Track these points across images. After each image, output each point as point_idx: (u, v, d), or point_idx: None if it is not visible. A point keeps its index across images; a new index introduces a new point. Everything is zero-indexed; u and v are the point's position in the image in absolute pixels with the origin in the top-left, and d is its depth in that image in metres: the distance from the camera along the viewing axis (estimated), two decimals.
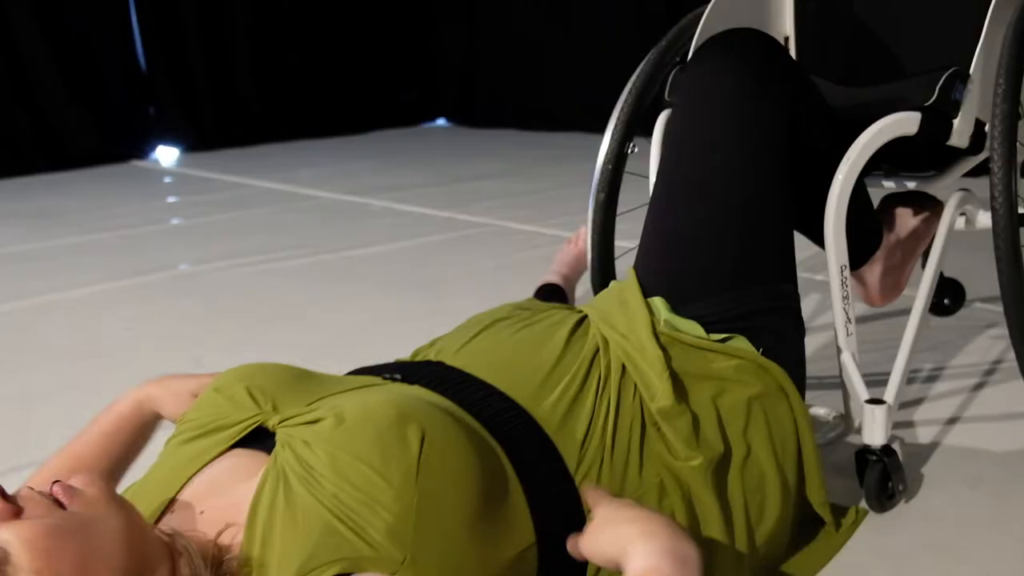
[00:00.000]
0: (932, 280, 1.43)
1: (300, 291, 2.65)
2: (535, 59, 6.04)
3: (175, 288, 2.76)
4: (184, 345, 2.23)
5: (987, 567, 1.19)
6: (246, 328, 2.35)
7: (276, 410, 1.01)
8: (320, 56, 6.21)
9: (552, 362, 1.12)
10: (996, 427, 1.57)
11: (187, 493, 0.99)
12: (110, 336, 2.34)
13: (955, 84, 1.34)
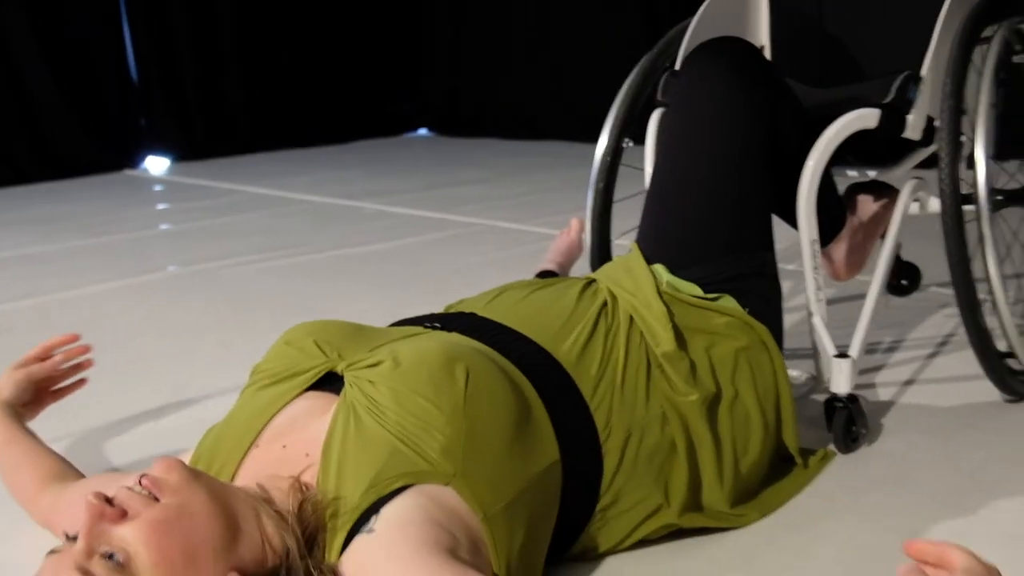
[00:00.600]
0: (890, 255, 1.65)
1: (299, 288, 2.81)
2: (517, 71, 6.26)
3: (175, 286, 2.92)
4: (187, 337, 2.40)
5: (936, 495, 1.39)
6: (248, 323, 2.51)
7: (341, 357, 1.20)
8: (307, 68, 6.40)
9: (567, 313, 1.32)
10: (948, 387, 1.79)
11: (269, 431, 1.17)
12: (115, 331, 2.49)
13: (909, 85, 1.55)
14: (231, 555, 0.99)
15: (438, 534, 1.00)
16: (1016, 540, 1.27)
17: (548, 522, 1.16)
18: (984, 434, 1.58)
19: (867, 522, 1.33)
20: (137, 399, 1.95)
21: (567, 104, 5.94)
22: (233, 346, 2.27)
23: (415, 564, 0.96)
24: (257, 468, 1.15)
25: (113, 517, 0.96)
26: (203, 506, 1.00)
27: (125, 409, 1.90)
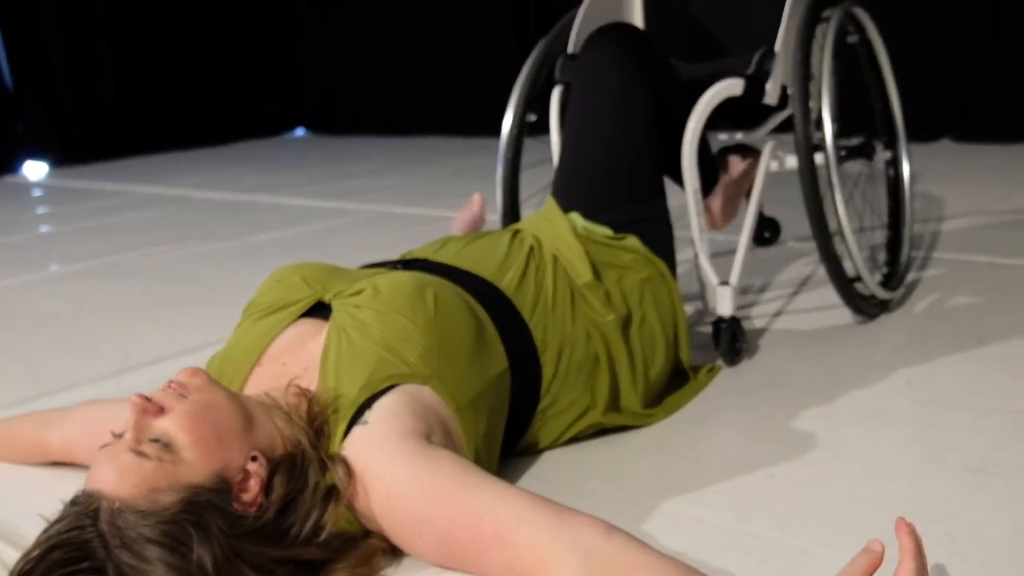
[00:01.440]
0: (756, 203, 1.96)
1: (220, 271, 3.01)
2: (389, 70, 6.49)
3: (101, 273, 3.08)
4: (121, 315, 2.59)
5: (805, 390, 1.70)
6: (181, 300, 2.70)
7: (326, 290, 1.44)
8: (182, 71, 6.53)
9: (503, 256, 1.59)
10: (810, 315, 2.12)
11: (269, 353, 1.41)
12: (47, 314, 2.66)
13: (766, 58, 1.87)
14: (251, 439, 1.22)
15: (417, 424, 1.25)
16: (868, 419, 1.58)
17: (502, 418, 1.42)
18: (842, 345, 1.91)
19: (751, 413, 1.64)
20: (79, 370, 2.12)
21: (439, 101, 6.21)
22: (167, 320, 2.46)
23: (400, 448, 1.21)
24: (261, 383, 1.37)
25: (154, 411, 1.18)
26: (224, 401, 1.22)
27: (74, 378, 2.07)
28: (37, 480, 1.57)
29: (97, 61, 6.17)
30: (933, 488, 1.34)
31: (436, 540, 1.18)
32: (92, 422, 1.52)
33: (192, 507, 1.14)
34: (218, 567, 1.11)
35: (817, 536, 1.23)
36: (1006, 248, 2.54)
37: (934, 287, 2.24)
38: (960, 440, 1.48)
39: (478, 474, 1.20)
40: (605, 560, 1.05)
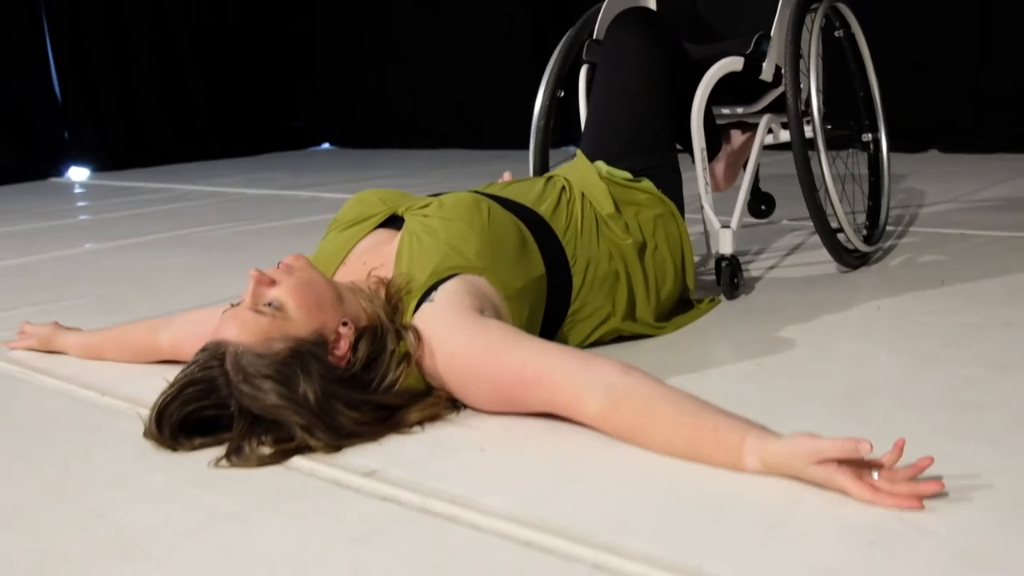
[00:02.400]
0: (753, 167, 2.28)
1: (267, 244, 3.33)
2: (412, 86, 6.86)
3: (168, 243, 3.41)
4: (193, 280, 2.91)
5: (791, 312, 2.01)
6: (232, 265, 3.01)
7: (399, 206, 1.76)
8: (216, 87, 6.92)
9: (539, 192, 1.90)
10: (798, 268, 2.44)
11: (352, 255, 1.73)
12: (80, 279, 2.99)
13: (764, 41, 2.20)
14: (342, 310, 1.54)
15: (473, 302, 1.56)
16: (841, 329, 1.90)
17: (539, 313, 1.74)
18: (826, 286, 2.23)
19: (745, 327, 1.95)
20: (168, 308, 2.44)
21: (458, 114, 6.57)
22: (235, 273, 2.77)
23: (460, 318, 1.52)
24: (346, 278, 1.69)
25: (267, 283, 1.50)
26: (320, 278, 1.55)
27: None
28: (153, 369, 1.89)
29: (139, 76, 6.57)
30: (890, 374, 1.66)
31: (490, 387, 1.49)
32: (198, 324, 1.83)
33: (298, 354, 1.46)
34: (318, 400, 1.43)
35: (794, 400, 1.55)
36: (975, 224, 2.87)
37: (909, 250, 2.57)
38: (916, 342, 1.79)
39: (520, 334, 1.51)
40: (624, 391, 1.36)
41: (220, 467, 1.40)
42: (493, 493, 1.26)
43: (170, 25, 6.70)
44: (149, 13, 6.61)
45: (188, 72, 6.79)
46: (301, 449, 1.42)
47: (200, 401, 1.48)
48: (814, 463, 1.17)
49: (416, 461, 1.38)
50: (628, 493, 1.24)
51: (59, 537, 1.23)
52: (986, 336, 1.80)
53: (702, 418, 1.30)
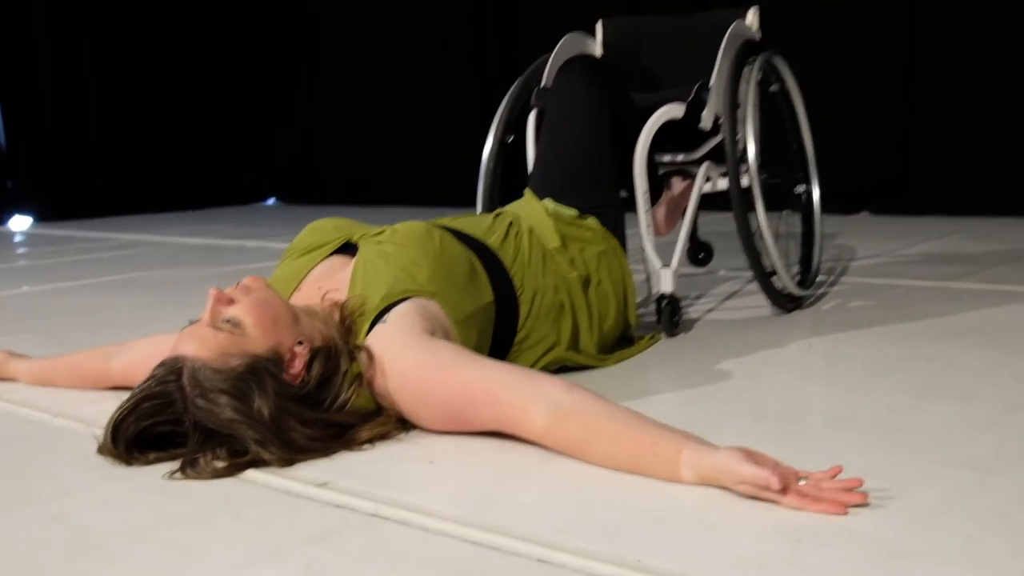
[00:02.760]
0: (693, 212, 2.38)
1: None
2: (357, 142, 6.95)
3: (113, 285, 3.42)
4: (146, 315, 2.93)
5: (726, 353, 2.09)
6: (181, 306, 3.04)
7: (353, 233, 1.82)
8: (162, 139, 6.94)
9: (488, 225, 1.98)
10: (734, 312, 2.53)
11: (307, 280, 1.78)
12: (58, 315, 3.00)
13: (704, 90, 2.31)
14: (298, 330, 1.58)
15: (424, 324, 1.62)
16: (775, 363, 1.98)
17: (487, 339, 1.80)
18: (761, 327, 2.32)
19: (683, 362, 2.03)
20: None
21: (405, 173, 6.66)
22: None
23: (411, 339, 1.57)
24: (301, 302, 1.74)
25: (225, 301, 1.55)
26: (277, 298, 1.60)
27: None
28: (105, 394, 1.91)
29: (85, 127, 6.59)
30: (822, 400, 1.74)
31: (439, 405, 1.54)
32: (151, 349, 1.85)
33: (254, 370, 1.50)
34: (272, 415, 1.48)
35: (732, 422, 1.63)
36: (902, 275, 3.00)
37: (840, 296, 2.67)
38: (846, 375, 1.88)
39: (469, 355, 1.57)
40: (568, 407, 1.42)
41: (175, 479, 1.43)
42: (442, 500, 1.31)
43: (118, 77, 6.73)
44: (97, 64, 6.63)
45: (135, 124, 6.82)
46: (255, 463, 1.46)
47: (156, 416, 1.51)
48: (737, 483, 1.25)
49: (367, 473, 1.43)
50: (571, 499, 1.30)
51: (14, 539, 1.26)
52: (911, 369, 1.89)
53: (642, 432, 1.37)
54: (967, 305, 2.48)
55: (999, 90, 4.63)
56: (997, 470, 1.33)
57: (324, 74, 7.22)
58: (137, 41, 6.85)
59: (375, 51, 6.88)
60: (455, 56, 6.48)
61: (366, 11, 6.92)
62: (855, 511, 1.20)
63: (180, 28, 7.09)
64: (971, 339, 2.11)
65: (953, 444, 1.45)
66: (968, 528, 1.15)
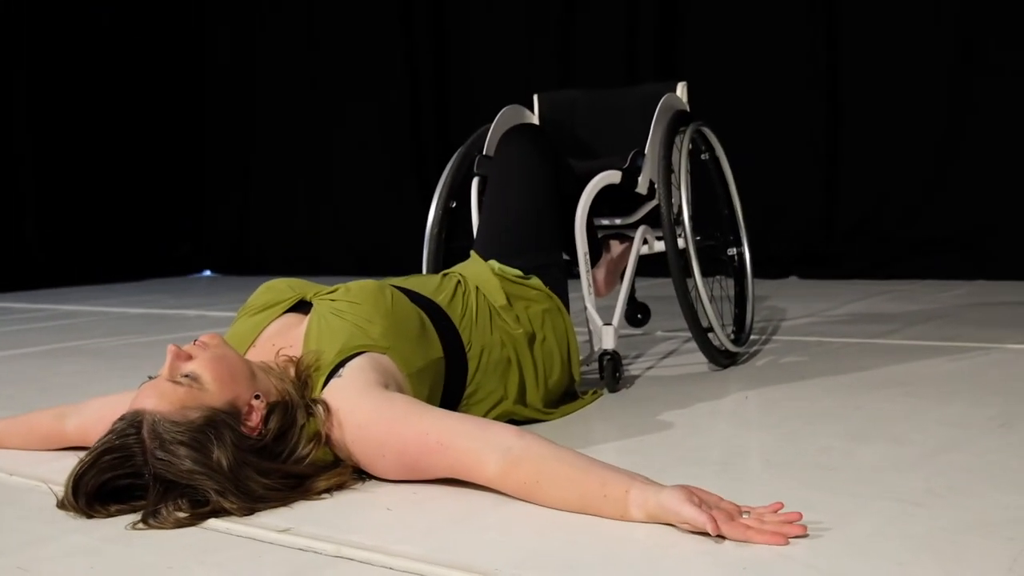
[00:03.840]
0: (631, 273, 2.48)
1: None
2: (294, 214, 7.01)
3: (59, 353, 3.42)
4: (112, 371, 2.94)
5: (667, 400, 2.17)
6: (128, 371, 3.06)
7: (306, 292, 1.88)
8: (96, 212, 6.94)
9: (436, 285, 2.05)
10: (673, 369, 2.62)
11: (262, 338, 1.83)
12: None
13: (639, 157, 2.42)
14: (254, 385, 1.63)
15: (378, 377, 1.68)
16: (714, 414, 2.07)
17: (438, 394, 1.86)
18: (698, 382, 2.41)
19: (626, 414, 2.11)
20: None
21: (344, 243, 6.72)
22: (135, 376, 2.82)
23: (366, 392, 1.63)
24: (256, 358, 1.79)
25: (184, 357, 1.59)
26: (234, 354, 1.65)
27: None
28: (60, 454, 1.93)
29: (20, 199, 6.57)
30: (760, 445, 1.83)
31: (395, 455, 1.59)
32: (106, 408, 1.88)
33: (212, 423, 1.54)
34: (231, 466, 1.52)
35: (676, 466, 1.70)
36: (831, 333, 3.13)
37: (773, 353, 2.78)
38: (781, 422, 1.97)
39: (422, 406, 1.64)
40: (520, 453, 1.49)
41: (138, 529, 1.46)
42: (403, 541, 1.36)
43: (52, 150, 6.73)
44: (32, 139, 6.64)
45: (70, 196, 6.81)
46: (216, 512, 1.49)
47: (116, 469, 1.54)
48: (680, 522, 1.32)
49: (328, 520, 1.47)
50: (527, 537, 1.36)
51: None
52: (842, 416, 1.99)
53: (591, 475, 1.43)
54: (892, 359, 2.60)
55: (912, 164, 4.87)
56: (926, 503, 1.42)
57: (260, 147, 7.29)
58: (71, 116, 6.87)
59: (310, 124, 6.98)
60: (392, 131, 6.61)
61: (301, 85, 7.03)
62: (795, 541, 1.27)
63: (114, 103, 7.12)
64: (897, 389, 2.22)
65: (884, 481, 1.54)
66: (900, 554, 1.23)
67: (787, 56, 5.19)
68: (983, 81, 4.70)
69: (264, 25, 7.23)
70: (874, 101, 4.98)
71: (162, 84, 7.39)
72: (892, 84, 4.92)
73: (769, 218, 4.92)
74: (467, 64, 6.33)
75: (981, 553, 1.21)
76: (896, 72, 4.90)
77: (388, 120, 6.62)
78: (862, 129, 5.03)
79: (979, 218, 4.69)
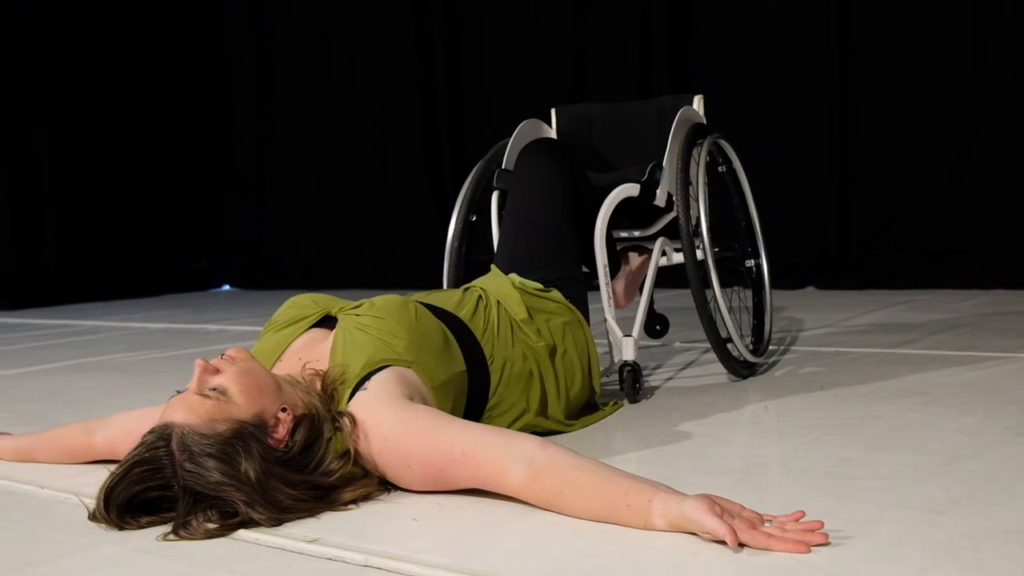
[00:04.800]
0: (650, 287, 2.49)
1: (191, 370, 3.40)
2: (312, 229, 7.06)
3: (81, 368, 3.46)
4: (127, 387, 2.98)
5: (687, 411, 2.19)
6: (152, 386, 3.09)
7: (331, 307, 1.91)
8: (116, 228, 7.00)
9: (458, 300, 2.07)
10: (693, 380, 2.63)
11: (288, 352, 1.86)
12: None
13: (656, 170, 2.45)
14: (281, 398, 1.66)
15: (403, 390, 1.70)
16: (734, 424, 2.08)
17: (461, 407, 1.88)
18: (718, 392, 2.43)
19: (646, 426, 2.12)
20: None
21: (362, 257, 6.76)
22: (157, 392, 2.85)
23: (392, 404, 1.66)
24: (282, 373, 1.81)
25: (212, 371, 1.62)
26: (261, 368, 1.67)
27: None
28: (88, 468, 1.96)
29: (38, 215, 6.64)
30: (780, 455, 1.84)
31: (421, 466, 1.62)
32: (134, 422, 1.91)
33: (240, 435, 1.57)
34: (259, 478, 1.54)
35: (697, 476, 1.72)
36: (849, 343, 3.14)
37: (791, 364, 2.80)
38: (801, 432, 1.99)
39: (447, 417, 1.66)
40: (544, 463, 1.51)
41: (169, 540, 1.49)
42: (429, 551, 1.38)
43: (72, 165, 6.81)
44: (52, 153, 6.72)
45: (88, 211, 6.89)
46: (245, 523, 1.52)
47: (147, 482, 1.57)
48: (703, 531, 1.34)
49: (355, 530, 1.50)
50: (553, 546, 1.38)
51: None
52: (862, 426, 2.00)
53: (615, 485, 1.45)
54: (910, 369, 2.61)
55: (927, 173, 4.88)
56: (947, 511, 1.43)
57: (275, 161, 7.34)
58: (88, 133, 6.94)
59: (326, 138, 7.03)
60: (407, 144, 6.65)
61: (316, 100, 7.08)
62: (817, 549, 1.29)
63: (130, 118, 7.19)
64: (916, 399, 2.23)
65: (904, 490, 1.55)
66: (922, 560, 1.24)
67: (801, 68, 5.20)
68: (996, 89, 4.71)
69: (280, 43, 7.29)
70: (888, 111, 4.99)
71: (178, 100, 7.47)
72: (906, 94, 4.93)
73: (785, 229, 4.93)
74: (481, 78, 6.37)
75: (1002, 560, 1.23)
76: (910, 81, 4.91)
77: (404, 134, 6.67)
78: (876, 139, 5.04)
79: (995, 226, 4.69)
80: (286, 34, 7.25)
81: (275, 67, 7.34)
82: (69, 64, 6.86)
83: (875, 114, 5.04)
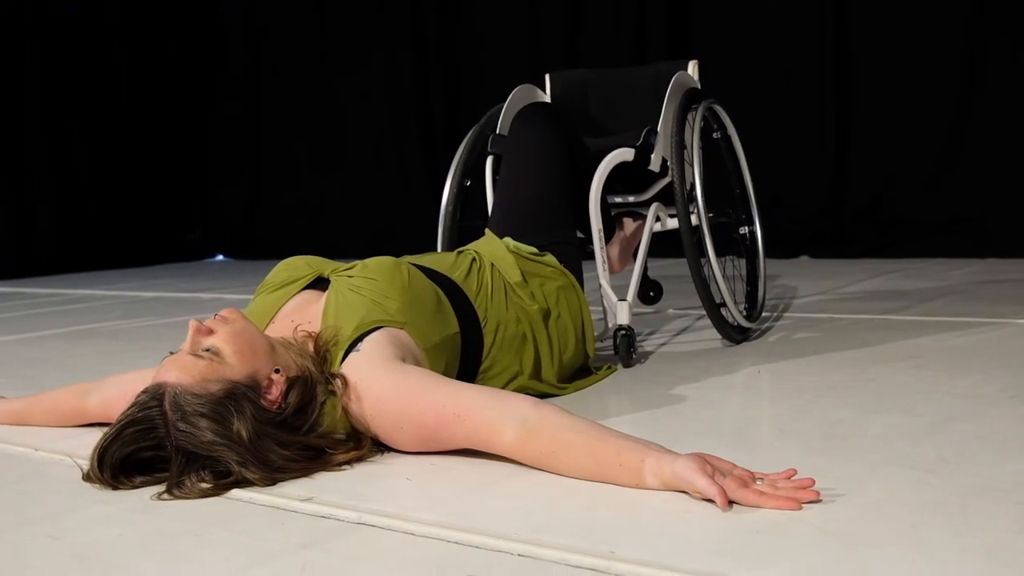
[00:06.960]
0: (645, 248, 2.50)
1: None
2: (307, 197, 7.03)
3: (78, 335, 3.46)
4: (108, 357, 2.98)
5: (680, 380, 2.20)
6: (147, 351, 3.09)
7: (324, 269, 1.90)
8: (108, 198, 6.98)
9: (452, 261, 2.07)
10: (687, 345, 2.64)
11: (280, 314, 1.86)
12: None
13: (651, 134, 2.44)
14: (274, 359, 1.66)
15: (395, 351, 1.70)
16: (727, 387, 2.09)
17: (454, 369, 1.88)
18: (712, 357, 2.43)
19: (639, 389, 2.13)
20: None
21: (355, 227, 6.74)
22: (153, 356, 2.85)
23: (384, 365, 1.65)
24: (275, 335, 1.81)
25: (204, 332, 1.62)
26: (253, 328, 1.67)
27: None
28: (83, 430, 1.96)
29: (30, 185, 6.62)
30: (772, 417, 1.85)
31: (413, 427, 1.62)
32: (128, 385, 1.91)
33: (232, 395, 1.57)
34: (251, 438, 1.55)
35: (690, 437, 1.72)
36: (842, 310, 3.14)
37: (784, 330, 2.80)
38: (794, 395, 1.99)
39: (439, 378, 1.66)
40: (536, 422, 1.51)
41: (163, 499, 1.49)
42: (423, 509, 1.39)
43: (66, 137, 6.78)
44: (44, 124, 6.69)
45: (80, 182, 6.86)
46: (239, 483, 1.52)
47: (139, 442, 1.57)
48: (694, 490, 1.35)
49: (348, 489, 1.50)
50: (545, 504, 1.38)
51: (15, 556, 1.31)
52: (853, 389, 2.01)
53: (607, 444, 1.46)
54: (902, 334, 2.62)
55: (922, 144, 4.88)
56: (937, 470, 1.44)
57: (268, 130, 7.31)
58: (81, 104, 6.90)
59: (318, 106, 7.00)
60: (400, 112, 6.63)
61: (309, 68, 7.05)
62: (808, 506, 1.30)
63: (124, 90, 7.16)
64: (909, 363, 2.24)
65: (896, 449, 1.56)
66: (912, 517, 1.25)
67: (797, 36, 5.19)
68: (991, 62, 4.70)
69: (274, 10, 7.24)
70: (884, 82, 4.98)
71: (170, 70, 7.43)
72: (901, 64, 4.92)
73: (779, 198, 4.93)
74: (475, 44, 6.34)
75: (992, 517, 1.24)
76: (905, 53, 4.91)
77: (397, 101, 6.64)
78: (872, 109, 5.04)
79: (989, 197, 4.69)
80: (281, 5, 7.20)
81: (270, 35, 7.29)
82: (63, 35, 6.81)
83: (871, 86, 5.03)
